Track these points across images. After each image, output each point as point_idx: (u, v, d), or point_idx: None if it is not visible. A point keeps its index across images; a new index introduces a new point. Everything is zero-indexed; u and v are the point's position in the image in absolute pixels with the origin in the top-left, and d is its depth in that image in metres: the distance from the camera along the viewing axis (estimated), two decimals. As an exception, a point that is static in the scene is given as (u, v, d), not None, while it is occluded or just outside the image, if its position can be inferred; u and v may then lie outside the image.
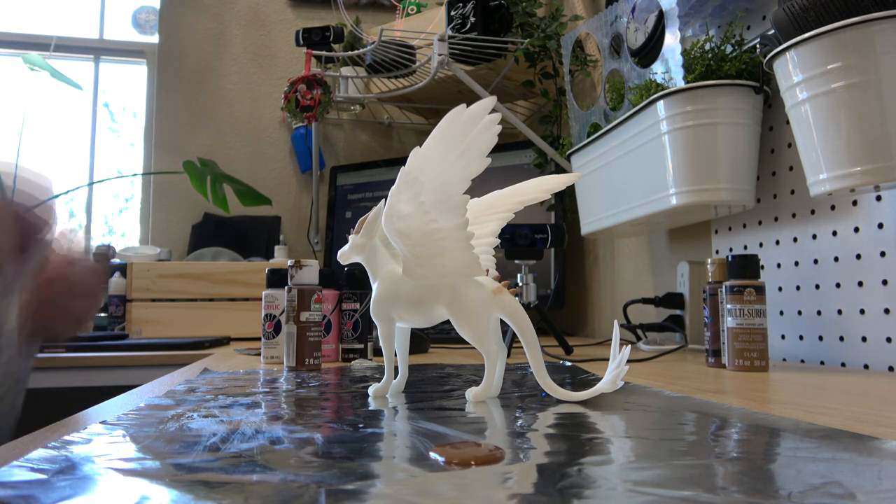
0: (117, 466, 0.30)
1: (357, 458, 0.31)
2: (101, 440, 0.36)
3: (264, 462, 0.30)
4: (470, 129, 0.42)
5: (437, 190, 0.43)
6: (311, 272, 0.80)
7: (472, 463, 0.30)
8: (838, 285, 0.86)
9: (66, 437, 0.36)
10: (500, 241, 0.58)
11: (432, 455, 0.32)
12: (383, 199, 0.46)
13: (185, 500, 0.24)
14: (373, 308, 0.53)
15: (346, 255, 0.54)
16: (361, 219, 0.53)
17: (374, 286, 0.53)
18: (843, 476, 0.27)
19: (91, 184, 2.18)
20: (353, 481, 0.27)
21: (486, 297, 0.49)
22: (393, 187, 0.44)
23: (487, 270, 0.51)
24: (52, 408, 0.92)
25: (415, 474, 0.28)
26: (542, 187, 0.57)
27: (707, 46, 0.96)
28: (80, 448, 0.34)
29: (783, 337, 0.96)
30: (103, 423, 0.41)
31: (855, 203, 0.85)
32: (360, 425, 0.40)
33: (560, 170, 1.52)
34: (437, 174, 0.43)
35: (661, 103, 0.96)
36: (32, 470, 0.29)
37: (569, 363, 0.83)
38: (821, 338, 0.89)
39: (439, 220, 0.44)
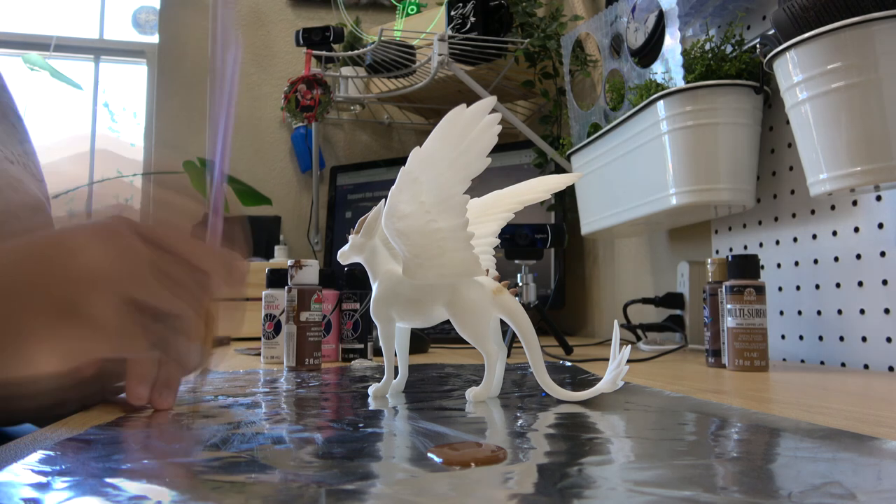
0: (117, 467, 0.30)
1: (357, 458, 0.31)
2: (101, 440, 0.36)
3: (264, 462, 0.30)
4: (470, 129, 0.42)
5: (437, 190, 0.43)
6: (311, 272, 0.80)
7: (472, 464, 0.30)
8: (838, 285, 0.86)
9: (66, 438, 0.36)
10: (500, 241, 0.58)
11: (431, 456, 0.32)
12: (383, 199, 0.46)
13: (185, 500, 0.24)
14: (373, 308, 0.53)
15: (345, 255, 0.54)
16: (361, 219, 0.53)
17: (374, 286, 0.53)
18: (844, 476, 0.27)
19: (91, 184, 2.18)
20: (354, 481, 0.27)
21: (485, 297, 0.49)
22: (393, 187, 0.44)
23: (487, 270, 0.51)
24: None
25: (415, 474, 0.28)
26: (542, 187, 0.57)
27: (707, 46, 0.96)
28: (79, 449, 0.34)
29: (783, 337, 0.96)
30: (103, 423, 0.40)
31: (855, 203, 0.85)
32: (361, 425, 0.40)
33: (560, 170, 1.52)
34: (437, 174, 0.43)
35: (661, 103, 0.96)
36: (32, 472, 0.29)
37: (569, 363, 0.83)
38: (821, 338, 0.89)
39: (439, 220, 0.44)
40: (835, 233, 0.87)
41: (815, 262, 0.90)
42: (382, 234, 0.52)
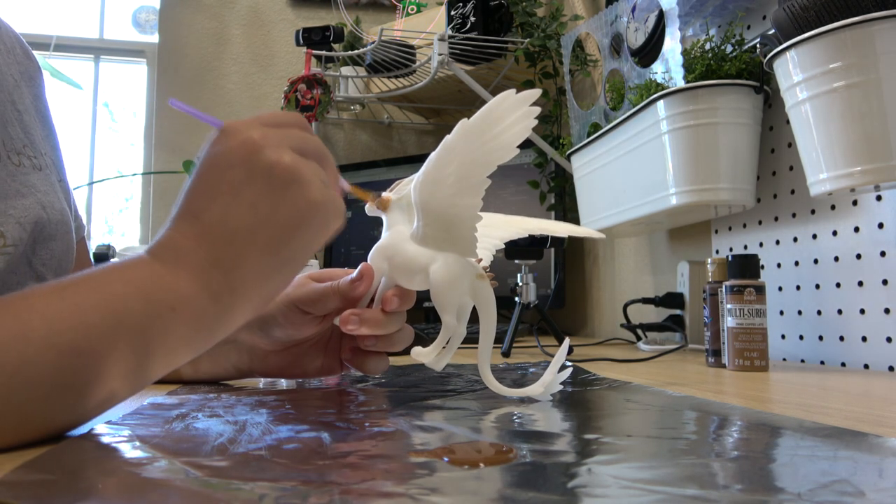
0: (127, 466, 0.30)
1: (367, 458, 0.32)
2: (108, 440, 0.36)
3: (275, 461, 0.30)
4: (509, 115, 0.43)
5: (465, 166, 0.45)
6: (310, 272, 0.80)
7: (482, 464, 0.30)
8: (838, 285, 0.87)
9: (72, 438, 0.36)
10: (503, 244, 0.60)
11: (440, 454, 0.32)
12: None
13: (199, 500, 0.25)
14: (371, 254, 0.54)
15: (372, 209, 0.55)
16: (398, 181, 0.55)
17: (383, 236, 0.54)
18: (845, 473, 0.28)
19: (91, 183, 2.18)
20: (365, 480, 0.27)
21: (466, 276, 0.50)
22: (432, 154, 0.45)
23: (481, 260, 0.52)
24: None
25: (425, 473, 0.29)
26: (566, 229, 0.61)
27: (707, 46, 0.96)
28: (87, 448, 0.34)
29: (783, 337, 0.96)
30: (108, 422, 0.41)
31: (855, 203, 0.85)
32: (367, 424, 0.40)
33: (560, 170, 1.53)
34: (469, 150, 0.44)
35: (661, 103, 0.97)
36: (41, 471, 0.29)
37: (569, 363, 0.83)
38: (821, 338, 0.90)
39: (457, 195, 0.46)
40: (835, 233, 0.88)
41: (815, 261, 0.91)
42: (407, 198, 0.53)
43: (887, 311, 0.79)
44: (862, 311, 0.83)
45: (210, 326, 0.41)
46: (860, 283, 0.83)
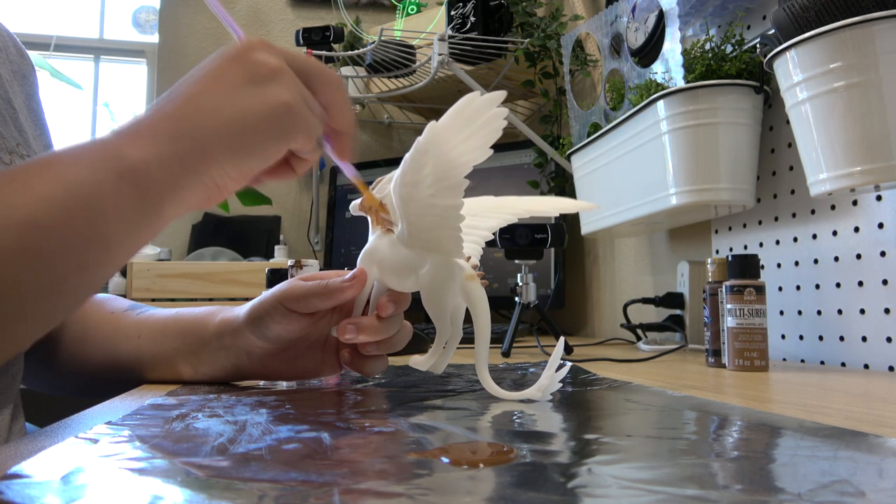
0: (127, 466, 0.30)
1: (367, 458, 0.32)
2: (108, 440, 0.36)
3: (274, 461, 0.30)
4: (478, 117, 0.43)
5: (441, 167, 0.44)
6: (311, 272, 0.80)
7: (481, 464, 0.30)
8: (838, 285, 0.87)
9: (72, 438, 0.36)
10: (498, 240, 0.59)
11: (440, 454, 0.32)
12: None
13: (200, 500, 0.25)
14: (361, 258, 0.54)
15: (356, 208, 0.55)
16: (379, 178, 0.55)
17: (370, 239, 0.53)
18: (845, 473, 0.28)
19: (91, 184, 2.17)
20: (365, 480, 0.27)
21: (456, 279, 0.50)
22: (406, 155, 0.45)
23: (469, 258, 0.52)
24: (54, 408, 0.93)
25: (426, 474, 0.29)
26: (555, 206, 0.60)
27: (707, 46, 0.96)
28: (87, 449, 0.34)
29: (783, 337, 0.96)
30: (108, 423, 0.41)
31: (855, 203, 0.85)
32: (367, 424, 0.40)
33: (560, 170, 1.53)
34: (443, 152, 0.44)
35: (661, 103, 0.97)
36: (41, 472, 0.29)
37: (569, 363, 0.83)
38: (821, 338, 0.90)
39: (437, 196, 0.46)
40: (835, 233, 0.88)
41: (815, 261, 0.91)
42: (391, 198, 0.53)
43: (887, 311, 0.79)
44: (862, 311, 0.83)
45: (157, 197, 0.42)
46: (860, 283, 0.83)
